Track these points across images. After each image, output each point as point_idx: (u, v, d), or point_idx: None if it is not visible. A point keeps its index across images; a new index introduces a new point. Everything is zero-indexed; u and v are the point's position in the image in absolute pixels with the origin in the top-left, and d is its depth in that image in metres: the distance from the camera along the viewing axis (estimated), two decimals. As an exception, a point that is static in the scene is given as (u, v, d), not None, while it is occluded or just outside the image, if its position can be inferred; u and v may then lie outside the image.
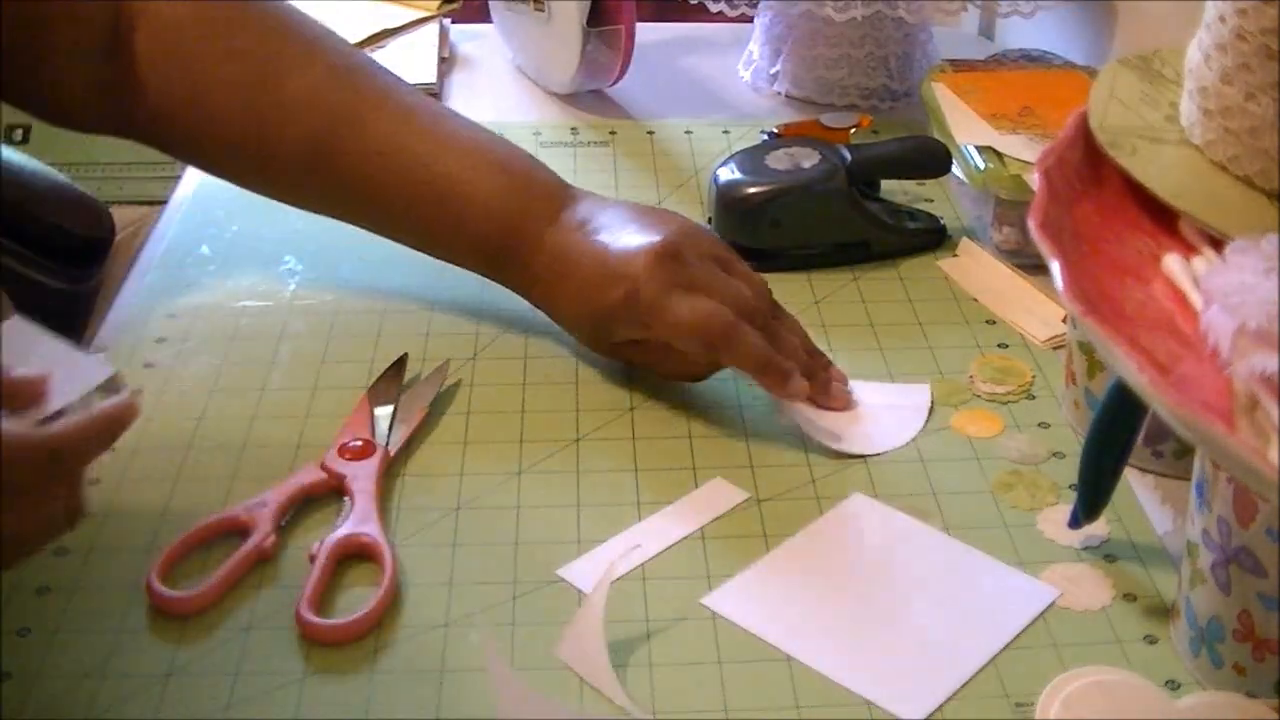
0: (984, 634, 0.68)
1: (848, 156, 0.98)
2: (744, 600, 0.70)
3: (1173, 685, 0.65)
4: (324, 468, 0.76)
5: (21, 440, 0.58)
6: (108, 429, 0.62)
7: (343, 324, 0.92)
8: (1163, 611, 0.69)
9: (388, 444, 0.78)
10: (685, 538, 0.74)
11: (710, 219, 1.01)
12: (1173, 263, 0.64)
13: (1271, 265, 0.58)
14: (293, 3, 0.90)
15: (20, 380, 0.62)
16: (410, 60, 1.26)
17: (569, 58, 1.18)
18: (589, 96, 1.23)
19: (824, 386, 0.82)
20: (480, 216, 0.85)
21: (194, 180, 1.07)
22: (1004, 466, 0.79)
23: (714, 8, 1.21)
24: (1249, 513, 0.60)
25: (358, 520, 0.73)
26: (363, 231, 0.90)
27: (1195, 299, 0.61)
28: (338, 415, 0.82)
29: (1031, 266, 0.95)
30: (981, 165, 0.97)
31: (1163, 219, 0.67)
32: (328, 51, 0.88)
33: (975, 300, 0.95)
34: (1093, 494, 0.70)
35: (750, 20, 1.26)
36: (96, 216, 1.15)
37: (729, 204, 0.98)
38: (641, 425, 0.83)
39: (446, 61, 1.30)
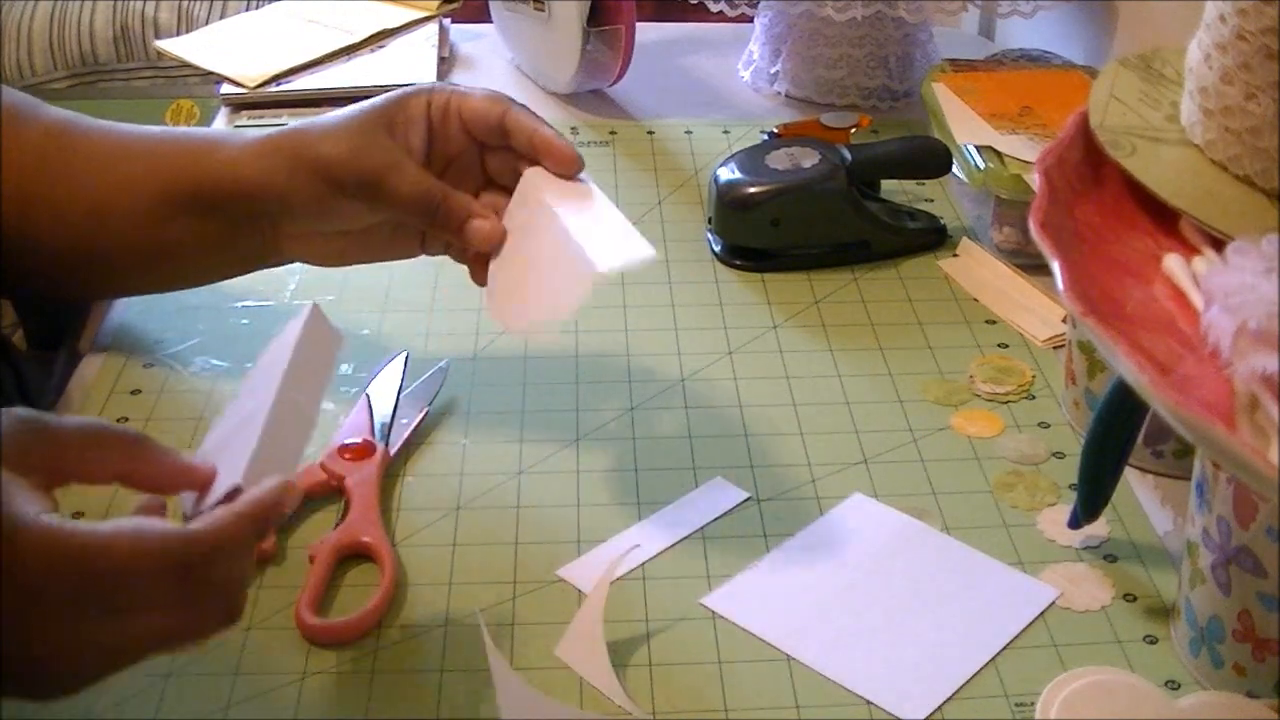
0: (984, 634, 0.68)
1: (848, 156, 0.98)
2: (744, 600, 0.70)
3: (1173, 685, 0.65)
4: (324, 468, 0.76)
5: (159, 550, 0.53)
6: (254, 529, 0.56)
7: (343, 323, 0.91)
8: (1163, 611, 0.69)
9: (388, 444, 0.78)
10: (685, 538, 0.74)
11: (710, 219, 1.01)
12: (1173, 263, 0.64)
13: (1271, 265, 0.58)
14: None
15: (185, 468, 0.60)
16: (410, 60, 1.27)
17: (569, 58, 1.18)
18: (589, 96, 1.23)
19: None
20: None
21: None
22: (1004, 466, 0.79)
23: (714, 8, 1.21)
24: (1249, 513, 0.60)
25: (358, 520, 0.73)
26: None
27: (1196, 299, 0.61)
28: (338, 415, 0.82)
29: (1031, 266, 0.95)
30: (981, 165, 0.97)
31: (1163, 219, 0.67)
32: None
33: (975, 300, 0.95)
34: (1093, 494, 0.70)
35: (750, 20, 1.26)
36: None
37: (729, 204, 0.98)
38: (641, 425, 0.83)
39: (446, 61, 1.30)
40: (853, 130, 1.09)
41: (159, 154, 0.82)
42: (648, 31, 1.30)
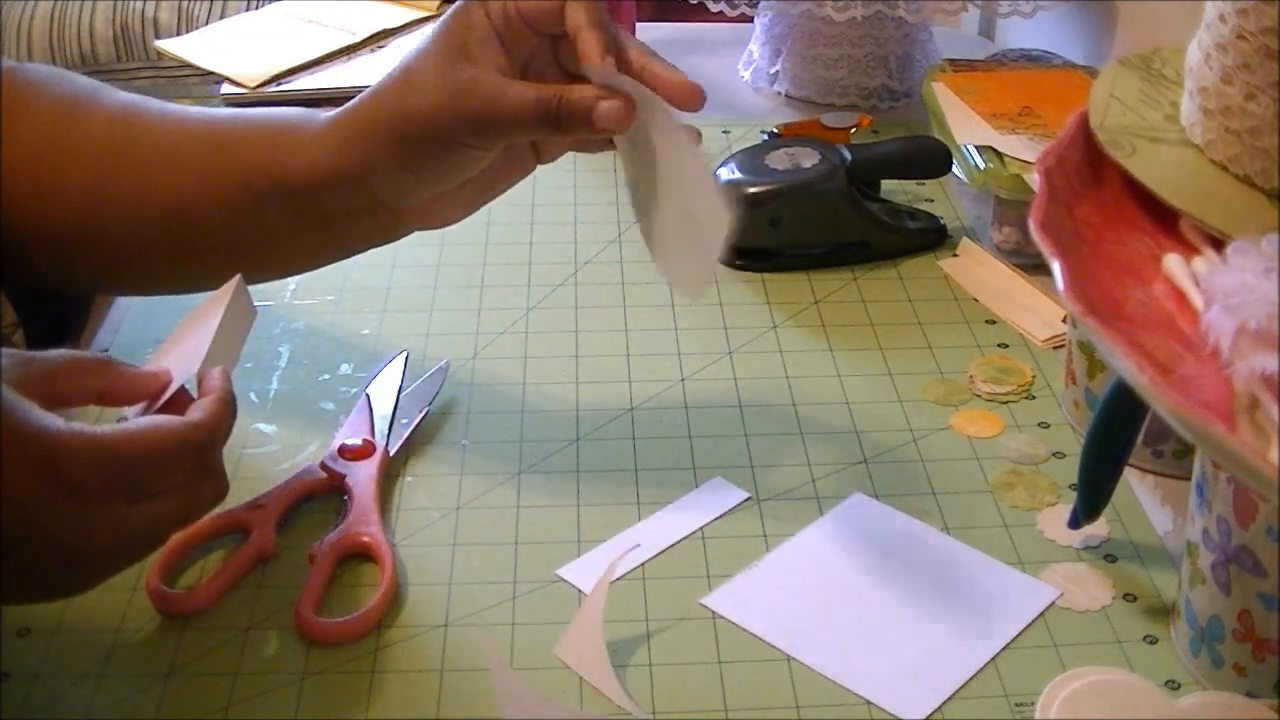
0: (984, 634, 0.68)
1: (848, 156, 0.98)
2: (744, 600, 0.70)
3: (1173, 685, 0.65)
4: (324, 468, 0.76)
5: (181, 438, 0.61)
6: (232, 411, 0.65)
7: (343, 324, 0.92)
8: (1163, 611, 0.69)
9: (388, 444, 0.78)
10: (685, 538, 0.74)
11: (710, 219, 1.00)
12: (1173, 263, 0.64)
13: (1271, 265, 0.58)
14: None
15: (147, 375, 0.66)
16: (410, 60, 1.26)
17: (569, 58, 1.18)
18: (589, 96, 1.23)
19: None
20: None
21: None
22: (1004, 466, 0.79)
23: (714, 8, 1.21)
24: (1249, 513, 0.60)
25: (358, 520, 0.73)
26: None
27: (1196, 299, 0.61)
28: (338, 415, 0.82)
29: (1031, 266, 0.95)
30: (981, 165, 0.97)
31: (1163, 219, 0.67)
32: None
33: (975, 300, 0.95)
34: (1093, 494, 0.70)
35: (750, 20, 1.26)
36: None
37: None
38: (641, 425, 0.83)
39: (446, 61, 1.29)
40: (853, 130, 1.09)
41: (233, 144, 0.76)
42: (648, 31, 1.30)
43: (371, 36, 1.30)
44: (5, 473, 0.56)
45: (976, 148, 0.99)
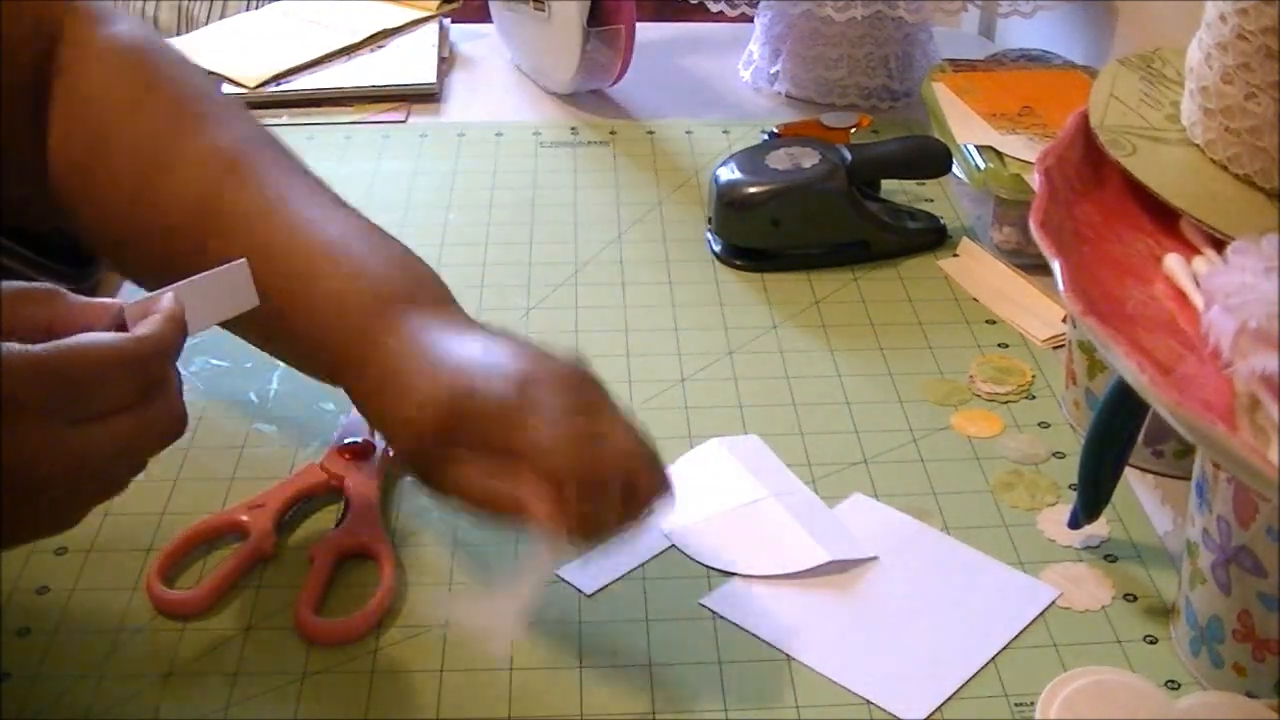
0: (984, 634, 0.68)
1: (848, 156, 0.98)
2: (744, 600, 0.70)
3: (1173, 685, 0.65)
4: (324, 468, 0.76)
5: (122, 351, 0.57)
6: (181, 330, 0.61)
7: (343, 324, 0.91)
8: (1163, 611, 0.69)
9: (388, 444, 0.78)
10: (685, 538, 0.74)
11: (710, 219, 1.01)
12: (1173, 263, 0.64)
13: (1272, 265, 0.58)
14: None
15: (97, 305, 0.62)
16: (410, 60, 1.27)
17: (569, 58, 1.18)
18: (589, 96, 1.23)
19: None
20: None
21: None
22: (1004, 466, 0.79)
23: (714, 8, 1.21)
24: (1249, 513, 0.60)
25: (357, 520, 0.73)
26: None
27: (1196, 299, 0.61)
28: (338, 415, 0.82)
29: (1031, 266, 0.95)
30: (981, 165, 0.97)
31: (1163, 219, 0.67)
32: (220, 136, 0.77)
33: (975, 300, 0.95)
34: (1093, 494, 0.70)
35: (750, 20, 1.26)
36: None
37: (729, 204, 0.98)
38: (641, 425, 0.82)
39: (446, 61, 1.30)
40: (853, 130, 1.09)
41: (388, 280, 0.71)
42: (648, 31, 1.30)
43: (371, 36, 1.30)
44: None
45: (976, 148, 0.99)
